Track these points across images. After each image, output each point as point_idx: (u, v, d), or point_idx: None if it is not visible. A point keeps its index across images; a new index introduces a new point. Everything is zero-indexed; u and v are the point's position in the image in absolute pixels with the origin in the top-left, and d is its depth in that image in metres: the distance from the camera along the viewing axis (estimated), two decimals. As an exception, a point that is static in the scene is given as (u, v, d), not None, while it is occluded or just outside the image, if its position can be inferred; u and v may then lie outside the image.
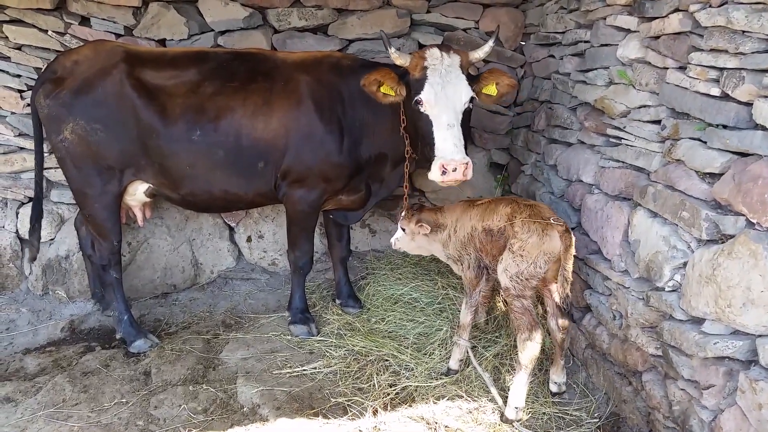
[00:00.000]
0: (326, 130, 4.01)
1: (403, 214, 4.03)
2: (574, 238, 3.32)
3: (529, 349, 3.34)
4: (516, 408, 3.38)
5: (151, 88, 3.92)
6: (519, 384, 3.39)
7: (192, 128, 3.93)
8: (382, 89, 3.74)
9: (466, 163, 3.49)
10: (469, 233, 3.71)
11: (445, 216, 3.92)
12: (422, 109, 3.63)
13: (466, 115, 3.70)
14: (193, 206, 4.40)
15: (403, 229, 4.01)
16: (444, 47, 3.73)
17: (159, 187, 4.17)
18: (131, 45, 4.28)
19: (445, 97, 3.57)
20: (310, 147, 4.00)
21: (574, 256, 3.79)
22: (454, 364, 3.85)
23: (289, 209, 4.26)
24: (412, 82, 3.70)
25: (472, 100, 3.69)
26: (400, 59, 3.72)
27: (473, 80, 3.76)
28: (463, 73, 3.66)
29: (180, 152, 3.96)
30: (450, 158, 3.46)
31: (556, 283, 3.44)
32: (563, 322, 3.54)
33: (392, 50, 3.69)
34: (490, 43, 3.83)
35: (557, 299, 3.51)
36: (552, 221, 3.32)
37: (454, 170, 3.45)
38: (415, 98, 3.63)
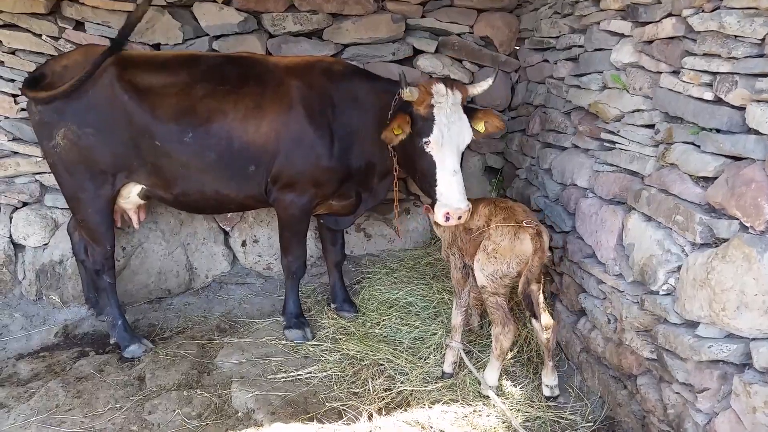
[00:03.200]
0: (316, 134, 4.01)
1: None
2: (546, 241, 3.46)
3: (501, 341, 3.54)
4: (489, 387, 3.58)
5: (142, 90, 3.90)
6: (491, 369, 3.65)
7: (184, 130, 3.92)
8: (394, 131, 3.71)
9: (468, 209, 3.59)
10: (453, 232, 3.79)
11: None
12: (428, 149, 3.64)
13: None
14: (186, 206, 4.39)
15: None
16: (448, 83, 3.68)
17: (152, 188, 4.16)
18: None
19: (450, 139, 3.62)
20: (300, 151, 4.01)
21: (569, 260, 3.84)
22: (447, 367, 3.85)
23: (280, 213, 4.26)
24: (416, 116, 3.68)
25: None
26: (411, 96, 3.63)
27: (467, 113, 3.76)
28: (463, 112, 3.69)
29: (173, 152, 3.96)
30: (456, 207, 3.55)
31: (538, 283, 3.55)
32: (547, 321, 3.57)
33: (406, 90, 3.59)
34: (489, 80, 3.87)
35: (540, 299, 3.59)
36: (524, 224, 3.40)
37: (459, 218, 3.57)
38: (424, 139, 3.62)
